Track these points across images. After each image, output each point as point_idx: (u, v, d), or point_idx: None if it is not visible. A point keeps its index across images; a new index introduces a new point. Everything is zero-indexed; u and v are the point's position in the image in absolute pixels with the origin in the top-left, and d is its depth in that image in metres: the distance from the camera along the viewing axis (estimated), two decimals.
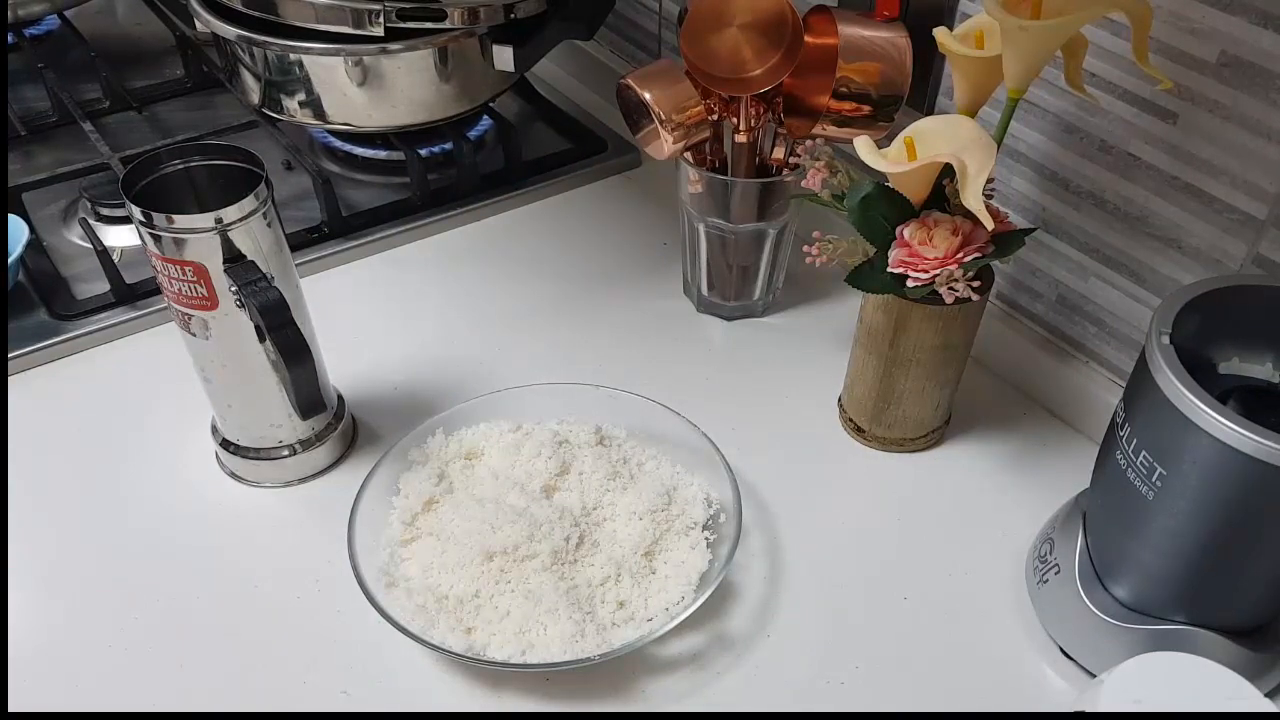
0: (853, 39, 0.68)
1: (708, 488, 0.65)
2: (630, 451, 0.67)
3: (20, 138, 0.99)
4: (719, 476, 0.64)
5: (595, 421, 0.68)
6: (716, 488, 0.64)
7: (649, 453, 0.67)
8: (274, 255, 0.60)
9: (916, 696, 0.58)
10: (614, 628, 0.58)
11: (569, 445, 0.66)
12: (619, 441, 0.68)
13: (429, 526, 0.63)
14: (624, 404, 0.68)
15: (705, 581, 0.59)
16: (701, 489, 0.64)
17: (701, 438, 0.65)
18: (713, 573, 0.59)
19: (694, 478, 0.66)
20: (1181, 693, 0.46)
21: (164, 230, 0.56)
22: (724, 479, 0.63)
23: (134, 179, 0.58)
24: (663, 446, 0.67)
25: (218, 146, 0.61)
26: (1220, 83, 0.57)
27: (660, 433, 0.68)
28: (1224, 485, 0.48)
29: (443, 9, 0.82)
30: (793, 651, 0.60)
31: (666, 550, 0.61)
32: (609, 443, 0.67)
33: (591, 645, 0.56)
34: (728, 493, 0.63)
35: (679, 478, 0.66)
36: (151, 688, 0.57)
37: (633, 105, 0.73)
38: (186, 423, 0.71)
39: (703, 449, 0.65)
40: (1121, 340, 0.70)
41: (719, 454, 0.64)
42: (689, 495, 0.64)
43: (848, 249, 0.65)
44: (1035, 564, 0.62)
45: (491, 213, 0.94)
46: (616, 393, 0.69)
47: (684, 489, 0.65)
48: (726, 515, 0.63)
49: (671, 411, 0.67)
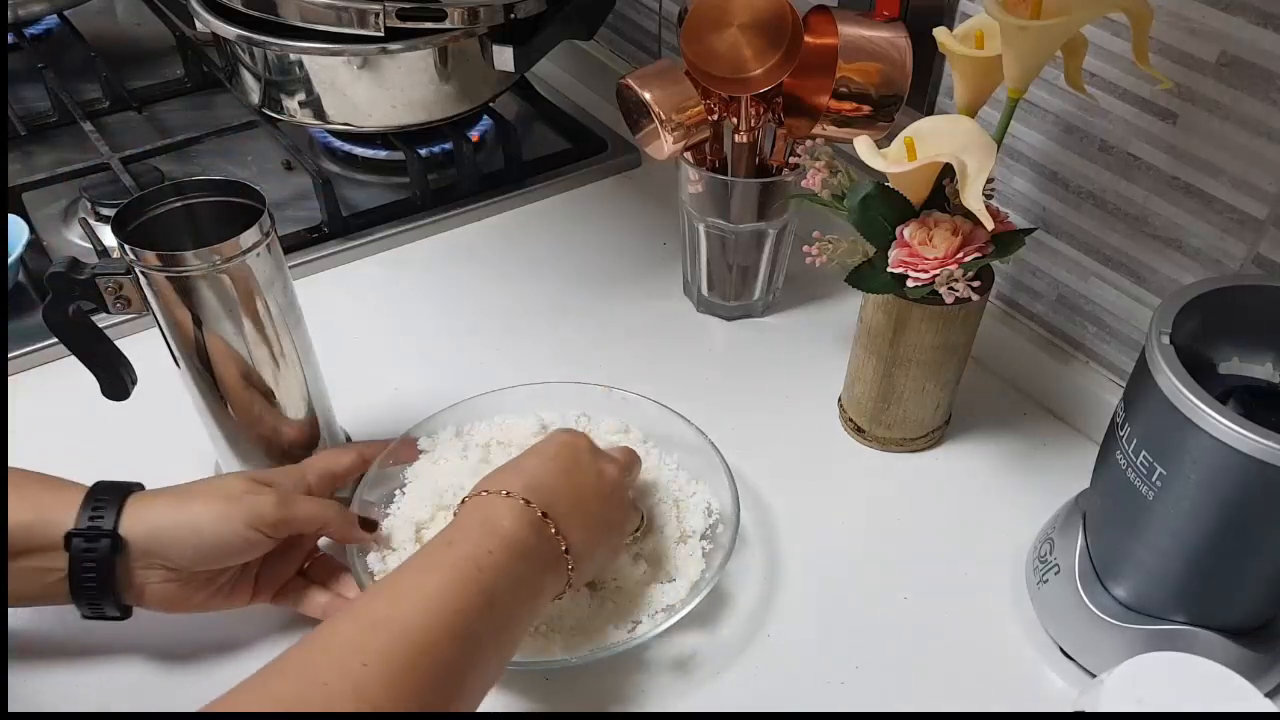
0: (853, 39, 0.68)
1: (709, 496, 0.64)
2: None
3: (20, 138, 0.99)
4: (720, 483, 0.63)
5: (603, 420, 0.68)
6: (718, 495, 0.64)
7: (652, 457, 0.67)
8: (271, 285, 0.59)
9: (916, 696, 0.58)
10: (608, 628, 0.58)
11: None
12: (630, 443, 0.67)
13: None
14: (630, 406, 0.68)
15: (696, 588, 0.59)
16: (704, 498, 0.64)
17: (706, 443, 0.65)
18: (703, 582, 0.59)
19: (696, 485, 0.65)
20: (1181, 693, 0.46)
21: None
22: (725, 486, 0.63)
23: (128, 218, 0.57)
24: (664, 448, 0.67)
25: (213, 183, 0.60)
26: (1220, 83, 0.57)
27: (663, 434, 0.67)
28: (1224, 485, 0.48)
29: (443, 9, 0.82)
30: (793, 651, 0.60)
31: (663, 555, 0.61)
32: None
33: (585, 647, 0.56)
34: (728, 500, 0.62)
35: (681, 484, 0.65)
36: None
37: (633, 105, 0.73)
38: (186, 423, 0.71)
39: (704, 450, 0.65)
40: (1121, 340, 0.69)
41: (722, 461, 0.64)
42: (691, 504, 0.64)
43: (848, 249, 0.65)
44: (1035, 564, 0.62)
45: (491, 213, 0.94)
46: (625, 394, 0.68)
47: (685, 498, 0.64)
48: (724, 525, 0.62)
49: (676, 414, 0.67)
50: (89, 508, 0.53)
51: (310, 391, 0.65)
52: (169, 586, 0.55)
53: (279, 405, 0.63)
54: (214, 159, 0.97)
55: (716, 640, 0.60)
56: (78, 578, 0.53)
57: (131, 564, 0.54)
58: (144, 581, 0.54)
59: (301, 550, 0.61)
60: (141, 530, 0.53)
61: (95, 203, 0.88)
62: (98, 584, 0.53)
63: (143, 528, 0.53)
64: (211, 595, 0.57)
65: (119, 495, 0.54)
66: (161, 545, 0.54)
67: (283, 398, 0.63)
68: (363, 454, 0.64)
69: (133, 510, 0.54)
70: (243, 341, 0.59)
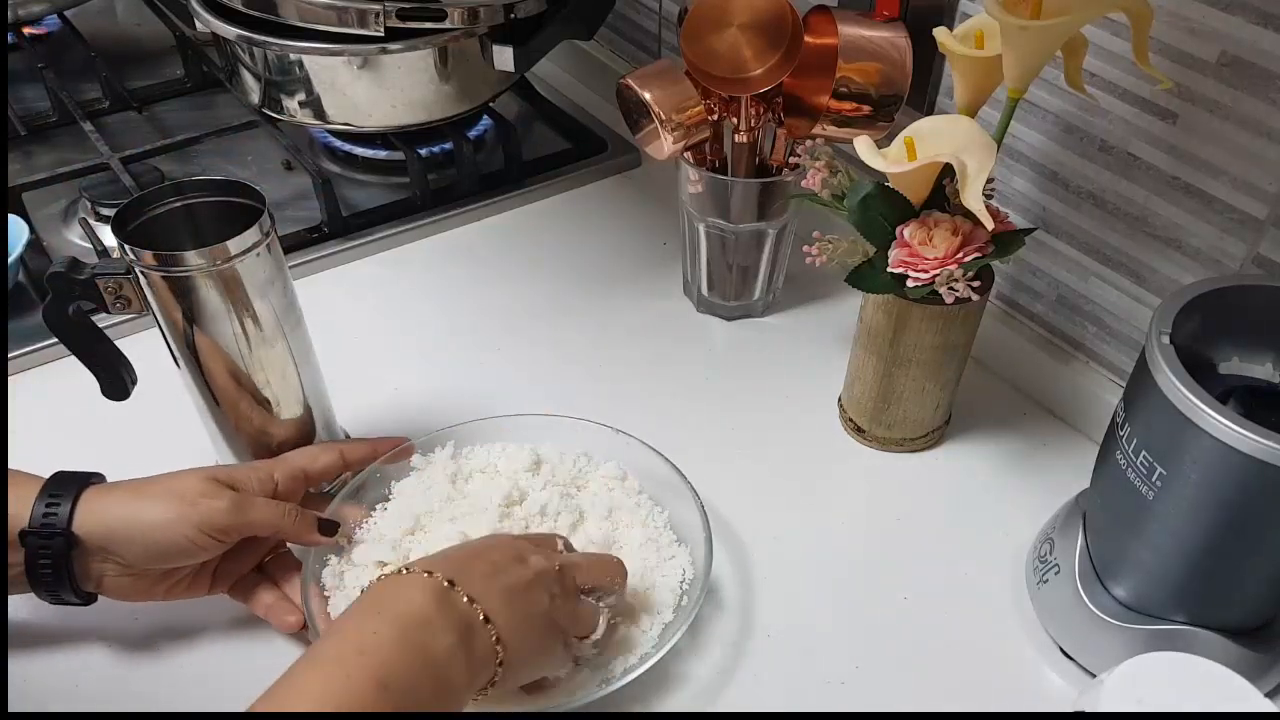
0: (853, 39, 0.68)
1: (687, 563, 0.61)
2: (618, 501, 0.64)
3: (20, 138, 0.99)
4: (699, 547, 0.60)
5: (602, 465, 0.66)
6: (697, 560, 0.60)
7: (641, 510, 0.64)
8: (270, 285, 0.59)
9: (916, 696, 0.58)
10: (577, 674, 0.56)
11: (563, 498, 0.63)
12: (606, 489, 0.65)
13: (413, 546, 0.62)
14: (631, 451, 0.65)
15: (645, 658, 0.56)
16: (680, 564, 0.60)
17: (697, 506, 0.62)
18: (676, 624, 0.57)
19: (677, 549, 0.61)
20: (1181, 693, 0.46)
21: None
22: (702, 552, 0.60)
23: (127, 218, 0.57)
24: (660, 500, 0.64)
25: (213, 183, 0.59)
26: (1220, 83, 0.57)
27: (665, 483, 0.64)
28: (1224, 485, 0.48)
29: (443, 9, 0.82)
30: (792, 651, 0.60)
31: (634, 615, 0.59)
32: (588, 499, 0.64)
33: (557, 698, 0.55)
34: (701, 565, 0.59)
35: (662, 547, 0.62)
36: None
37: (633, 105, 0.73)
38: (185, 423, 0.71)
39: (694, 509, 0.62)
40: (1121, 340, 0.69)
41: (706, 528, 0.60)
42: (668, 568, 0.60)
43: (848, 249, 0.65)
44: (1035, 564, 0.62)
45: (491, 213, 0.94)
46: (629, 439, 0.65)
47: (663, 561, 0.61)
48: (696, 592, 0.58)
49: (676, 470, 0.64)
50: (43, 502, 0.53)
51: (310, 391, 0.65)
52: (124, 580, 0.56)
53: (279, 405, 0.63)
54: (214, 159, 0.97)
55: (716, 640, 0.60)
56: (35, 572, 0.54)
57: (88, 558, 0.54)
58: (100, 574, 0.55)
59: (261, 546, 0.61)
60: (94, 525, 0.54)
61: (95, 203, 0.88)
62: (54, 577, 0.54)
63: (95, 523, 0.54)
64: (170, 588, 0.57)
65: (75, 488, 0.54)
66: (113, 543, 0.54)
67: (282, 398, 0.63)
68: (345, 455, 0.63)
69: (87, 505, 0.54)
70: (242, 342, 0.59)
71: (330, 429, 0.68)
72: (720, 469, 0.68)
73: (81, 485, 0.55)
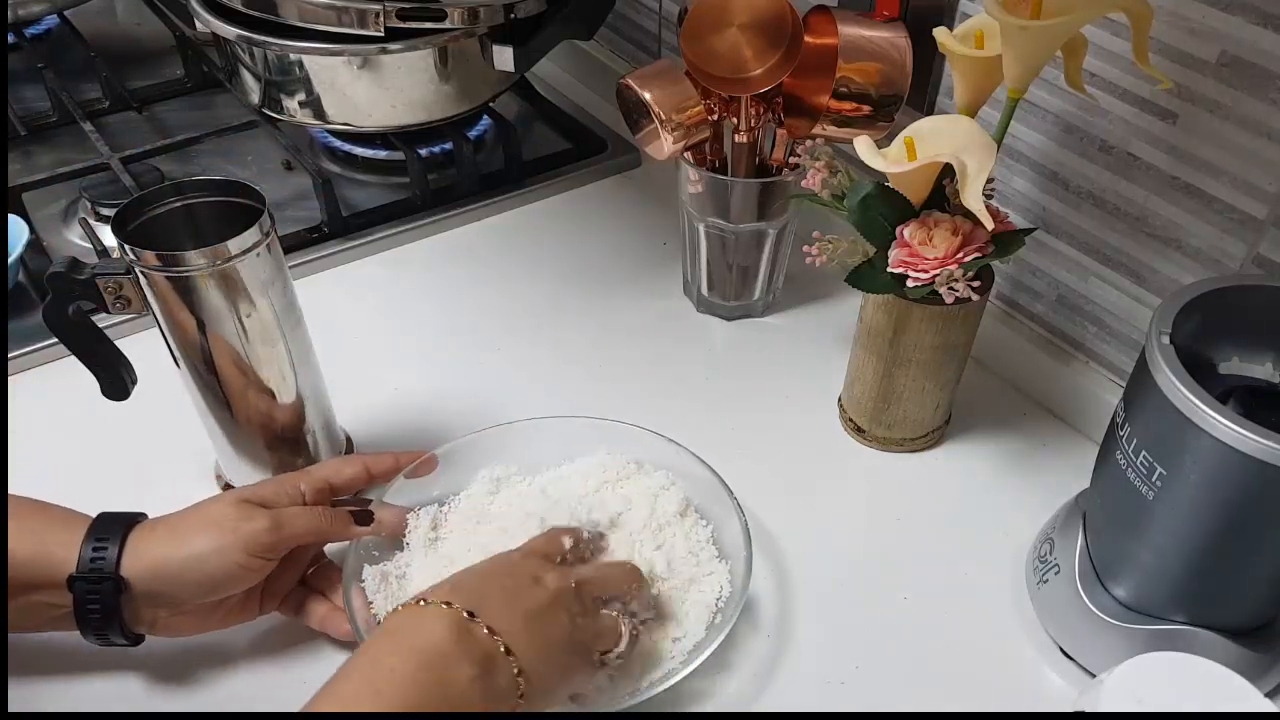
0: (853, 39, 0.68)
1: (725, 579, 0.60)
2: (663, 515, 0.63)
3: (20, 138, 0.99)
4: (739, 561, 0.59)
5: (654, 474, 0.65)
6: (736, 575, 0.60)
7: (687, 522, 0.63)
8: (270, 285, 0.59)
9: (916, 696, 0.58)
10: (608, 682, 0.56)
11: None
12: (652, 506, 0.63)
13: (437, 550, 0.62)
14: (682, 460, 0.65)
15: (695, 652, 0.56)
16: (719, 580, 0.60)
17: (740, 523, 0.61)
18: (707, 642, 0.57)
19: (716, 565, 0.61)
20: (1181, 693, 0.46)
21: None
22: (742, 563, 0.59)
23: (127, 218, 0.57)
24: (704, 513, 0.64)
25: (213, 183, 0.59)
26: (1220, 83, 0.57)
27: (710, 498, 0.64)
28: (1224, 485, 0.48)
29: (443, 9, 0.82)
30: (792, 651, 0.60)
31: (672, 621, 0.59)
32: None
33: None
34: (740, 580, 0.59)
35: (702, 562, 0.61)
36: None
37: (633, 105, 0.73)
38: (185, 423, 0.71)
39: (736, 521, 0.61)
40: (1121, 340, 0.69)
41: (748, 544, 0.60)
42: (706, 583, 0.60)
43: (848, 249, 0.65)
44: (1035, 564, 0.62)
45: (491, 213, 0.94)
46: (679, 449, 0.65)
47: (701, 576, 0.60)
48: (731, 610, 0.58)
49: (725, 487, 0.63)
50: (90, 545, 0.53)
51: (310, 392, 0.65)
52: (178, 619, 0.55)
53: (279, 405, 0.63)
54: (214, 159, 0.97)
55: (715, 640, 0.60)
56: (84, 617, 0.53)
57: (137, 603, 0.54)
58: (153, 618, 0.55)
59: (303, 558, 0.60)
60: (143, 568, 0.53)
61: (95, 203, 0.88)
62: (103, 621, 0.53)
63: (144, 566, 0.53)
64: (223, 616, 0.57)
65: (121, 529, 0.54)
66: (164, 583, 0.53)
67: (282, 398, 0.63)
68: (369, 467, 0.62)
69: (134, 547, 0.53)
70: (243, 341, 0.59)
71: (330, 429, 0.68)
72: (720, 469, 0.67)
73: (127, 526, 0.54)
